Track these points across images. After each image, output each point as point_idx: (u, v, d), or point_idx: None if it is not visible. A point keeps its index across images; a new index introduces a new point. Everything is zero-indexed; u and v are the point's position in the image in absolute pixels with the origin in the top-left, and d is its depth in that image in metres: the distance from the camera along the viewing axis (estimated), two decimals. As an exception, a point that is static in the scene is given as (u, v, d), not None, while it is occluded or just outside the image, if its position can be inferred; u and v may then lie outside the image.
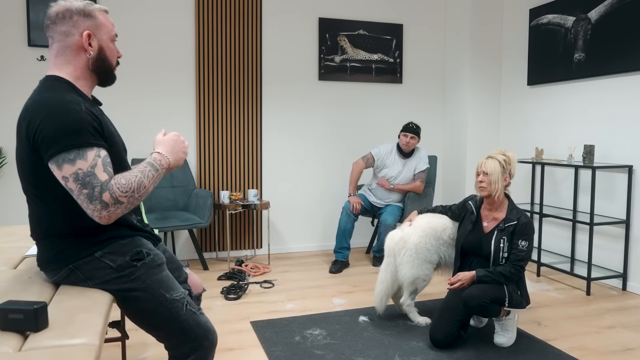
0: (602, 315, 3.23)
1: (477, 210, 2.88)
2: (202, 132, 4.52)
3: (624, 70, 3.70)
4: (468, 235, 2.84)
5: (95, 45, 1.58)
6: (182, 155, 1.64)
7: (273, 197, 4.81)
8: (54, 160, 1.41)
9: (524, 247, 2.66)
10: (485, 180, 2.73)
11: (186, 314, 1.61)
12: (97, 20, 1.59)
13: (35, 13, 4.04)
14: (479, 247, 2.78)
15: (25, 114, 1.47)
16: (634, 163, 3.68)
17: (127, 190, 1.44)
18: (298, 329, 2.97)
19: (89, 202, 1.41)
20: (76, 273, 1.56)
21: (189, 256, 4.56)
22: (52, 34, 1.56)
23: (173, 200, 4.39)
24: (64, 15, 1.54)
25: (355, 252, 4.85)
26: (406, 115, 5.15)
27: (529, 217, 2.73)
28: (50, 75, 1.56)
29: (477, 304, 2.59)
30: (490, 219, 2.81)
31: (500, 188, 2.73)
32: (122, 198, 1.43)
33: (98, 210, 1.41)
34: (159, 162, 1.56)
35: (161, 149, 1.60)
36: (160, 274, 1.62)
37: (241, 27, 4.57)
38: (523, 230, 2.68)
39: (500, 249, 2.70)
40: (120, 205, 1.44)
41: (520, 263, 2.66)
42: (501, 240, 2.70)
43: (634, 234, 3.69)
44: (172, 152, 1.62)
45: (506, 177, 2.76)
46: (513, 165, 2.78)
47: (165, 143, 1.62)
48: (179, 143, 1.64)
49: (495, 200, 2.77)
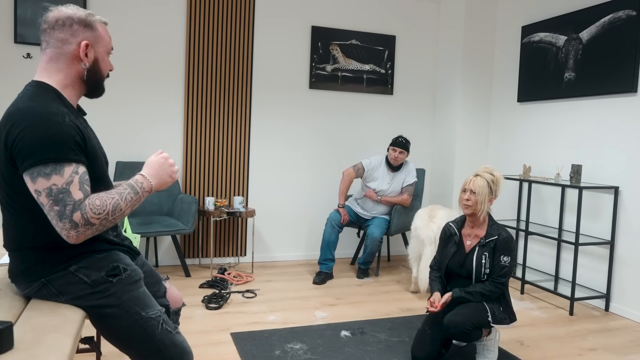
0: (584, 337, 3.23)
1: (459, 231, 2.82)
2: (189, 136, 4.46)
3: (613, 92, 3.72)
4: (453, 257, 2.77)
5: (91, 56, 1.54)
6: (168, 179, 1.59)
7: (259, 204, 4.76)
8: (29, 172, 1.36)
9: (505, 262, 2.62)
10: (471, 199, 2.68)
11: (162, 333, 1.56)
12: (97, 32, 1.56)
13: (23, 9, 3.96)
14: (463, 266, 2.74)
15: (6, 121, 1.41)
16: (620, 184, 3.69)
17: (100, 213, 1.39)
18: (279, 342, 2.92)
19: (58, 220, 1.36)
20: (48, 287, 1.50)
21: (171, 262, 4.50)
22: (48, 39, 1.51)
23: (157, 205, 4.32)
24: (64, 23, 1.50)
25: (340, 263, 4.82)
26: (396, 126, 5.14)
27: (509, 233, 2.70)
28: (37, 81, 1.50)
29: (459, 331, 2.54)
30: (472, 236, 2.76)
31: (485, 208, 2.69)
32: (94, 220, 1.38)
33: (67, 230, 1.36)
34: (140, 185, 1.51)
35: (146, 172, 1.55)
36: (137, 291, 1.57)
37: (233, 32, 4.52)
38: (505, 246, 2.63)
39: (482, 265, 2.65)
40: (91, 227, 1.38)
41: (501, 279, 2.62)
42: (483, 256, 2.65)
43: (618, 255, 3.70)
44: (157, 175, 1.56)
45: (492, 198, 2.72)
46: (499, 186, 2.73)
47: (152, 166, 1.57)
48: (166, 167, 1.59)
49: (478, 218, 2.73)
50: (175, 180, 1.62)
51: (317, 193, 4.94)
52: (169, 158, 1.61)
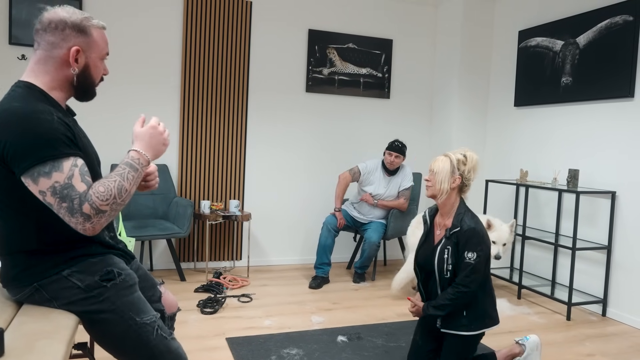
0: (582, 342, 3.21)
1: (431, 219, 2.52)
2: (185, 139, 4.43)
3: (610, 97, 3.72)
4: (421, 247, 2.49)
5: (82, 62, 1.51)
6: (162, 147, 1.54)
7: (255, 208, 4.73)
8: (28, 174, 1.33)
9: (470, 259, 2.25)
10: (431, 179, 2.40)
11: (156, 339, 1.53)
12: (90, 38, 1.52)
13: (18, 10, 3.92)
14: (430, 261, 2.40)
15: None
16: (617, 189, 3.69)
17: (107, 198, 1.36)
18: (275, 347, 2.89)
19: (70, 216, 1.33)
20: (41, 292, 1.48)
21: (166, 266, 4.46)
22: (39, 40, 1.48)
23: (152, 208, 4.28)
24: (57, 26, 1.47)
25: (336, 267, 4.79)
26: (393, 130, 5.13)
27: (478, 224, 2.32)
28: (23, 82, 1.48)
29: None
30: (442, 226, 2.44)
31: (446, 189, 2.35)
32: (104, 206, 1.35)
33: (81, 223, 1.34)
34: (138, 161, 1.46)
35: (138, 146, 1.49)
36: (131, 296, 1.54)
37: (229, 36, 4.51)
38: (468, 239, 2.26)
39: (445, 261, 2.32)
40: (104, 214, 1.36)
41: (465, 280, 2.25)
42: (445, 250, 2.33)
43: (615, 260, 3.69)
44: (150, 146, 1.51)
45: (456, 177, 2.36)
46: (470, 166, 2.39)
47: (142, 138, 1.51)
48: (156, 135, 1.52)
49: (444, 204, 2.40)
50: (167, 146, 1.56)
51: (313, 197, 4.92)
52: (158, 125, 1.54)
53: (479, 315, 2.32)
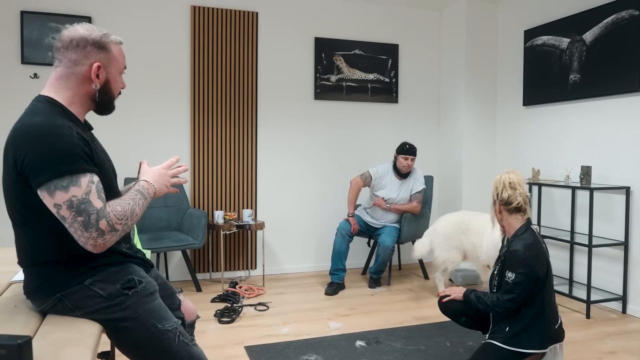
0: (603, 340, 3.18)
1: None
2: (196, 150, 4.47)
3: (619, 92, 3.70)
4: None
5: (103, 77, 1.56)
6: (164, 188, 1.64)
7: (268, 217, 4.75)
8: (45, 187, 1.36)
9: (509, 279, 2.29)
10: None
11: (179, 345, 1.55)
12: (110, 54, 1.57)
13: (29, 30, 4.00)
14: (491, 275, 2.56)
15: (13, 138, 1.41)
16: (631, 184, 3.66)
17: (122, 218, 1.43)
18: (294, 354, 2.89)
19: (84, 230, 1.36)
20: (64, 302, 1.49)
21: (182, 277, 4.48)
22: (61, 58, 1.52)
23: (166, 220, 4.31)
24: (78, 44, 1.51)
25: (351, 273, 4.78)
26: (402, 135, 5.14)
27: (527, 247, 2.31)
28: (44, 96, 1.51)
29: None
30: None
31: (495, 219, 2.51)
32: (118, 225, 1.42)
33: (94, 239, 1.37)
34: (147, 191, 1.56)
35: (148, 178, 1.60)
36: (152, 303, 1.56)
37: (237, 45, 4.55)
38: (509, 259, 2.33)
39: (494, 277, 2.44)
40: (116, 233, 1.42)
41: (502, 296, 2.30)
42: (496, 267, 2.46)
43: (633, 256, 3.65)
44: (158, 181, 1.62)
45: (500, 204, 2.43)
46: (500, 188, 2.43)
47: (152, 174, 1.63)
48: (165, 177, 1.65)
49: (507, 230, 2.49)
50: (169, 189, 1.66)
51: (325, 203, 4.93)
52: (167, 169, 1.67)
53: (520, 333, 2.31)
